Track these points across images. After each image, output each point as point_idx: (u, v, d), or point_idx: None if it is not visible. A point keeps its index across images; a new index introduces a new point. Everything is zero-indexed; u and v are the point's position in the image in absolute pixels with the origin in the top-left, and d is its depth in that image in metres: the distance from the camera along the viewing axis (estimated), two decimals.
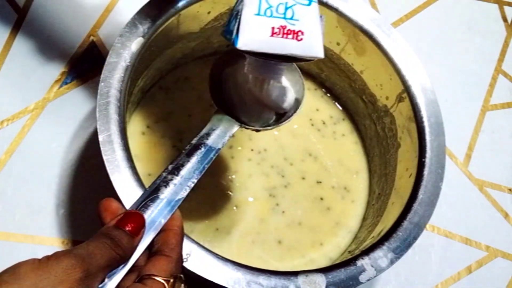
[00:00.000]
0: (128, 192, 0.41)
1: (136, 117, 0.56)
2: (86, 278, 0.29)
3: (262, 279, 0.41)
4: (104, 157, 0.42)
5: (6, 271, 0.29)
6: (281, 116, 0.46)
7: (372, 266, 0.44)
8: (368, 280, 0.43)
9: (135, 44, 0.47)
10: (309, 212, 0.56)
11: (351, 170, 0.59)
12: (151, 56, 0.52)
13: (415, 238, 0.46)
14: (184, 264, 0.40)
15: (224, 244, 0.53)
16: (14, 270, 0.28)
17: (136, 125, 0.56)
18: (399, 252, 0.45)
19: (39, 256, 0.30)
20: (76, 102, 0.59)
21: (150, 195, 0.37)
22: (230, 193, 0.55)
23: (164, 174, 0.39)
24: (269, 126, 0.45)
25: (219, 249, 0.51)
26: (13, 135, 0.56)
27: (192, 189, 0.54)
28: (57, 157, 0.56)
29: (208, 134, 0.42)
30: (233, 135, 0.43)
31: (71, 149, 0.57)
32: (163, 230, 0.36)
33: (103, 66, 0.45)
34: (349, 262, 0.44)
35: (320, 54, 0.37)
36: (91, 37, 0.62)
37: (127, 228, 0.33)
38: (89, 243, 0.31)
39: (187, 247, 0.41)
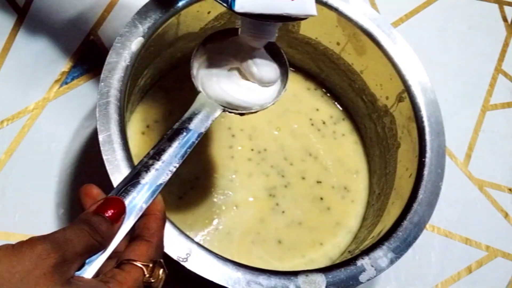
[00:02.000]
0: None
1: (136, 117, 0.56)
2: (61, 264, 0.29)
3: (262, 279, 0.41)
4: (104, 157, 0.42)
5: None
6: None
7: (372, 266, 0.44)
8: (368, 280, 0.43)
9: (135, 44, 0.47)
10: (309, 212, 0.56)
11: (351, 170, 0.59)
12: (151, 56, 0.52)
13: (415, 238, 0.46)
14: (184, 264, 0.40)
15: (224, 244, 0.53)
16: None
17: (136, 125, 0.56)
18: (399, 252, 0.45)
19: None
20: (76, 102, 0.59)
21: (131, 180, 0.36)
22: (230, 193, 0.55)
23: (145, 159, 0.38)
24: (252, 109, 0.44)
25: (219, 249, 0.51)
26: (13, 135, 0.56)
27: (192, 189, 0.54)
28: (57, 157, 0.56)
29: (190, 119, 0.41)
30: (215, 119, 0.42)
31: (71, 149, 0.57)
32: (144, 215, 0.35)
33: (103, 66, 0.45)
34: (349, 262, 0.44)
35: (313, 12, 0.39)
36: (91, 37, 0.62)
37: (107, 214, 0.33)
38: (67, 229, 0.31)
39: (187, 246, 0.41)
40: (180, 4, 0.50)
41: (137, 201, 0.35)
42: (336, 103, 0.63)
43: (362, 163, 0.60)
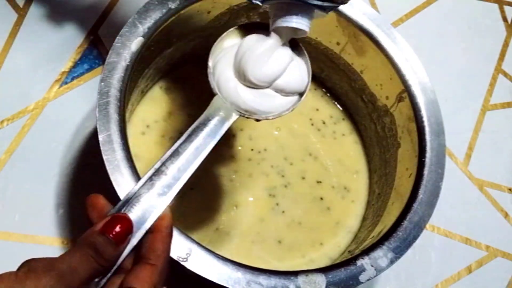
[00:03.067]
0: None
1: (136, 117, 0.56)
2: None
3: (262, 279, 0.41)
4: (104, 157, 0.42)
5: None
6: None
7: (372, 265, 0.44)
8: (368, 279, 0.43)
9: (135, 44, 0.47)
10: (309, 212, 0.56)
11: (351, 170, 0.59)
12: (151, 56, 0.52)
13: (415, 238, 0.46)
14: (184, 264, 0.40)
15: (224, 244, 0.53)
16: None
17: (136, 125, 0.56)
18: (399, 252, 0.45)
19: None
20: (76, 102, 0.59)
21: (137, 193, 0.35)
22: (230, 193, 0.55)
23: (153, 171, 0.36)
24: (269, 117, 0.42)
25: (219, 249, 0.51)
26: (13, 135, 0.56)
27: (192, 189, 0.54)
28: (57, 156, 0.56)
29: (204, 125, 0.39)
30: (231, 125, 0.40)
31: (71, 149, 0.57)
32: (150, 232, 0.34)
33: (103, 66, 0.45)
34: (349, 262, 0.44)
35: None
36: (91, 37, 0.62)
37: (112, 235, 0.32)
38: (72, 256, 0.30)
39: (187, 246, 0.41)
40: (180, 4, 0.50)
41: (143, 216, 0.34)
42: (336, 103, 0.63)
43: (362, 163, 0.60)
